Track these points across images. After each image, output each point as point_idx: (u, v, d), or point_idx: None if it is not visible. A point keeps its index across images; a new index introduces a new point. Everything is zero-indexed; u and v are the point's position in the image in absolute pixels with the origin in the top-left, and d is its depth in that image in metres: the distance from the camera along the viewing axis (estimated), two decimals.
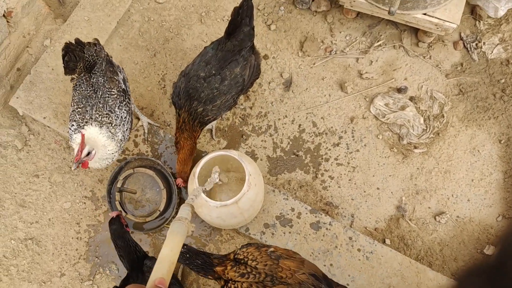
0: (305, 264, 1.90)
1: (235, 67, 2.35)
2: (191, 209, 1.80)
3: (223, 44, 2.34)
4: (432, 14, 2.62)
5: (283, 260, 1.85)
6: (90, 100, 2.31)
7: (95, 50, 2.40)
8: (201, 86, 2.32)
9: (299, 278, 1.81)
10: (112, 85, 2.35)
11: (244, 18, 2.30)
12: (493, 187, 2.70)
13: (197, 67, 2.36)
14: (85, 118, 2.28)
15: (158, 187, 2.63)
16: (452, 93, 2.88)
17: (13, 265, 2.72)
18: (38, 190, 2.83)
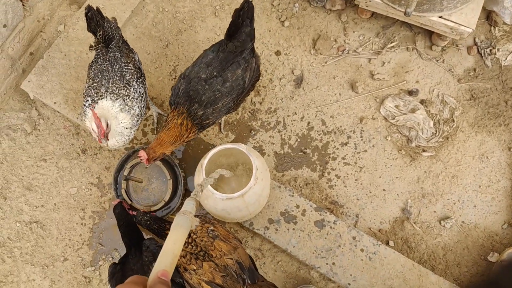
0: (238, 251, 2.01)
1: (236, 69, 2.30)
2: (195, 203, 1.81)
3: (224, 45, 2.31)
4: (448, 18, 2.61)
5: (218, 240, 1.99)
6: (107, 73, 2.30)
7: (114, 25, 2.41)
8: (202, 88, 2.27)
9: (226, 261, 1.95)
10: (128, 60, 2.36)
11: (245, 19, 2.26)
12: (500, 194, 2.69)
13: (197, 69, 2.30)
14: (100, 91, 2.27)
15: (165, 177, 2.63)
16: (463, 98, 2.86)
17: (17, 247, 2.74)
18: (45, 175, 2.84)
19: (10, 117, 2.94)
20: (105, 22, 2.37)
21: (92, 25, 2.36)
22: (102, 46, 2.37)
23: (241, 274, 1.95)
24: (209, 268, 1.91)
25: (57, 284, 2.70)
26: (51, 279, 2.70)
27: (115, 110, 2.25)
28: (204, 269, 1.91)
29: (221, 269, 1.93)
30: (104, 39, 2.36)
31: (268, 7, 3.07)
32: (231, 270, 1.94)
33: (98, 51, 2.37)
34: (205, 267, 1.91)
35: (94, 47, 2.40)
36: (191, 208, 1.75)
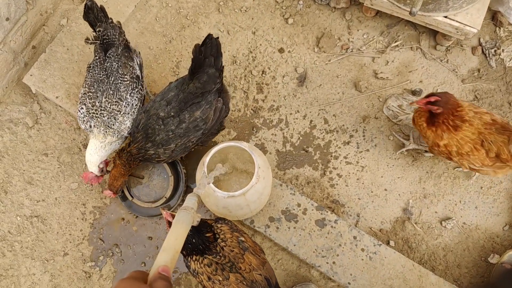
0: (266, 266, 1.95)
1: (195, 110, 2.21)
2: (197, 199, 1.81)
3: (186, 84, 2.21)
4: (453, 18, 2.59)
5: (248, 253, 1.90)
6: (102, 85, 2.31)
7: (117, 30, 2.40)
8: (158, 127, 2.22)
9: (255, 277, 1.87)
10: (125, 71, 2.34)
11: (208, 57, 2.13)
12: (502, 196, 2.68)
13: (158, 105, 2.24)
14: (95, 105, 2.29)
15: (166, 173, 2.63)
16: (467, 99, 2.85)
17: (17, 241, 2.74)
18: (46, 169, 2.84)
19: (12, 110, 2.93)
20: (108, 22, 2.36)
21: (90, 16, 2.35)
22: (99, 46, 2.36)
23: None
24: (236, 280, 1.83)
25: (57, 278, 2.70)
26: (51, 274, 2.70)
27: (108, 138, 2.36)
28: (230, 280, 1.83)
29: (248, 283, 1.85)
30: (103, 40, 2.35)
31: (272, 3, 3.05)
32: (259, 286, 1.87)
33: (96, 57, 2.35)
34: (232, 279, 1.83)
35: (91, 42, 2.39)
36: (192, 204, 1.75)
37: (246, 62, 2.95)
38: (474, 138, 2.19)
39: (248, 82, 2.91)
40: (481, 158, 2.22)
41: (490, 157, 2.21)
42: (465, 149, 2.21)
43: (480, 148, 2.20)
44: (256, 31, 3.00)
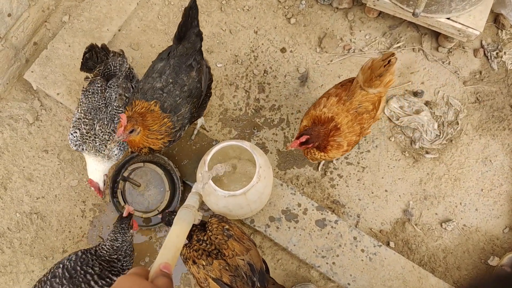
0: (250, 253, 2.01)
1: (190, 71, 2.24)
2: (199, 197, 1.80)
3: (174, 51, 2.25)
4: (455, 19, 2.59)
5: (232, 240, 2.00)
6: (99, 113, 2.33)
7: (119, 61, 2.41)
8: (160, 96, 2.19)
9: (237, 262, 1.96)
10: (120, 103, 2.36)
11: (193, 19, 2.22)
12: (502, 198, 2.68)
13: (151, 80, 2.22)
14: (89, 132, 2.31)
15: (163, 187, 2.62)
16: (468, 101, 2.85)
17: (17, 238, 2.74)
18: (47, 166, 2.83)
19: (12, 107, 2.93)
20: (110, 58, 2.37)
21: (89, 64, 2.39)
22: (100, 78, 2.37)
23: (251, 276, 1.94)
24: (219, 266, 1.92)
25: None
26: None
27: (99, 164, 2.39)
28: (213, 266, 1.92)
29: (231, 269, 1.92)
30: (104, 73, 2.37)
31: (275, 3, 3.05)
32: (242, 271, 1.93)
33: (98, 85, 2.35)
34: (215, 265, 1.92)
35: (91, 79, 2.39)
36: (194, 202, 1.75)
37: (248, 61, 2.94)
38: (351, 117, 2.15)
39: (250, 81, 2.91)
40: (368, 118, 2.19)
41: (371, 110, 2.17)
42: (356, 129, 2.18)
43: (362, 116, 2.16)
44: (258, 30, 3.00)
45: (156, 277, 1.07)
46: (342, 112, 2.14)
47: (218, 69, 2.93)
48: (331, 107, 2.15)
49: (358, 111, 2.15)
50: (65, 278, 2.04)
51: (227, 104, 2.87)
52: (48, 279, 2.07)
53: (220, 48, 2.97)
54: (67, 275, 2.05)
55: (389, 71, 2.05)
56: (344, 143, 2.16)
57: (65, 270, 2.07)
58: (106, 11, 2.93)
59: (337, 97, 2.18)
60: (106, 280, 2.10)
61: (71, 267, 2.08)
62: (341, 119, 2.14)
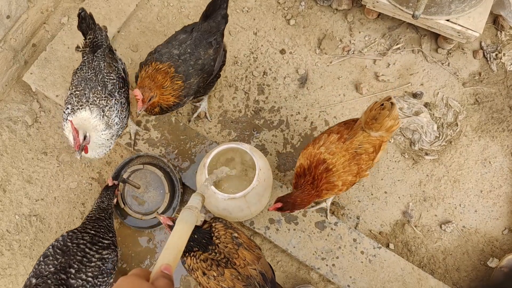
0: (260, 261, 1.98)
1: (209, 48, 2.35)
2: (201, 198, 1.80)
3: (199, 25, 2.35)
4: (455, 21, 2.59)
5: (242, 249, 1.94)
6: (90, 82, 2.29)
7: (104, 33, 2.42)
8: (176, 61, 2.28)
9: (250, 272, 1.91)
10: (110, 69, 2.35)
11: (224, 1, 2.33)
12: (501, 200, 2.68)
13: (170, 46, 2.32)
14: (81, 101, 2.24)
15: (163, 189, 2.62)
16: (467, 102, 2.85)
17: (16, 240, 2.73)
18: (46, 168, 2.83)
19: (11, 108, 2.92)
20: (96, 27, 2.38)
21: (83, 26, 2.38)
22: (88, 50, 2.37)
23: (264, 285, 1.92)
24: (231, 276, 1.87)
25: None
26: None
27: (94, 121, 2.21)
28: (225, 276, 1.86)
29: (243, 278, 1.88)
30: (92, 44, 2.36)
31: (274, 4, 3.04)
32: (254, 281, 1.90)
33: (85, 58, 2.36)
34: (227, 275, 1.86)
35: (81, 49, 2.40)
36: (196, 203, 1.75)
37: (248, 62, 2.94)
38: (349, 157, 2.08)
39: (249, 83, 2.90)
40: (367, 160, 2.12)
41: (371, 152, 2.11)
42: (353, 169, 2.10)
43: (360, 156, 2.09)
44: (258, 31, 3.00)
45: (157, 279, 1.07)
46: (340, 151, 2.07)
47: None
48: (330, 145, 2.09)
49: (357, 151, 2.07)
50: (58, 253, 2.09)
51: (226, 106, 2.87)
52: (40, 261, 2.10)
53: None
54: (59, 251, 2.09)
55: (385, 115, 1.98)
56: (339, 183, 2.09)
57: (55, 248, 2.12)
58: (105, 13, 2.92)
59: (338, 134, 2.11)
60: (99, 245, 2.18)
61: (62, 244, 2.13)
62: (336, 159, 2.06)
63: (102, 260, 2.14)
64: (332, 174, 2.07)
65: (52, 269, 2.03)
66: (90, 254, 2.12)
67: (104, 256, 2.16)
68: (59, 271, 2.02)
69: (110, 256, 2.18)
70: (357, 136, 2.08)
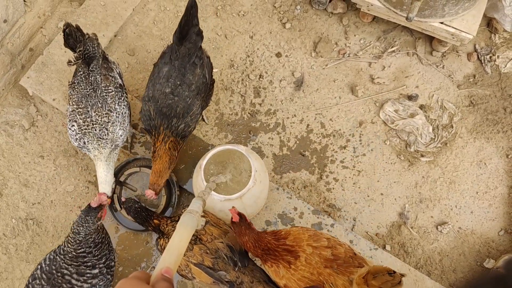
0: (228, 235, 2.07)
1: (195, 69, 2.31)
2: (202, 203, 1.80)
3: (176, 52, 2.29)
4: (449, 24, 2.61)
5: (209, 225, 2.05)
6: (90, 99, 2.32)
7: (95, 43, 2.41)
8: (173, 101, 2.27)
9: (217, 245, 2.02)
10: (107, 82, 2.37)
11: (194, 17, 2.27)
12: (497, 201, 2.70)
13: (159, 87, 2.30)
14: (86, 120, 2.29)
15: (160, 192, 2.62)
16: (462, 104, 2.87)
17: (12, 244, 2.73)
18: (42, 171, 2.83)
19: (8, 112, 2.93)
20: (86, 39, 2.38)
21: (70, 41, 2.39)
22: (81, 62, 2.37)
23: (232, 256, 2.02)
24: (199, 250, 1.97)
25: None
26: None
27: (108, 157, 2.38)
28: (194, 251, 1.97)
29: (212, 252, 1.99)
30: (84, 56, 2.37)
31: (270, 8, 3.07)
32: (222, 253, 2.01)
33: (80, 72, 2.36)
34: (195, 250, 1.97)
35: (74, 63, 2.40)
36: (197, 208, 1.75)
37: (244, 66, 2.96)
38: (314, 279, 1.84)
39: (246, 86, 2.92)
40: None
41: None
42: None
43: None
44: (254, 35, 3.02)
45: (157, 282, 1.07)
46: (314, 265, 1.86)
47: (214, 74, 2.93)
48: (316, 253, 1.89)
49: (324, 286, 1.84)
50: (44, 279, 2.03)
51: (223, 109, 2.88)
52: (29, 282, 2.06)
53: (216, 53, 2.99)
54: (45, 277, 2.03)
55: None
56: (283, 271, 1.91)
57: (42, 272, 2.04)
58: (102, 17, 2.94)
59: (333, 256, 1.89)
60: (87, 276, 2.04)
61: (47, 270, 2.03)
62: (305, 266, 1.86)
63: (94, 286, 2.06)
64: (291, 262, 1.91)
65: None
66: (77, 286, 2.01)
67: (93, 284, 2.05)
68: None
69: (101, 282, 2.08)
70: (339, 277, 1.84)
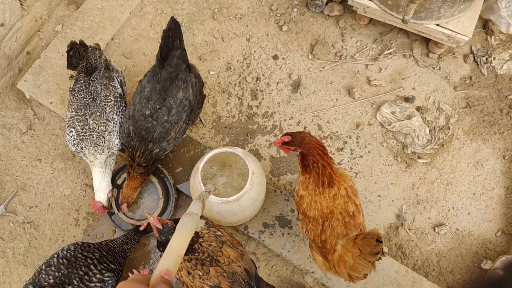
0: (244, 258, 2.00)
1: (176, 93, 2.29)
2: (201, 205, 1.80)
3: (158, 75, 2.29)
4: (445, 26, 2.62)
5: (226, 247, 1.96)
6: (89, 108, 2.37)
7: (97, 54, 2.46)
8: (151, 125, 2.27)
9: (234, 269, 1.93)
10: (107, 92, 2.40)
11: (174, 40, 2.24)
12: (494, 202, 2.70)
13: (139, 107, 2.30)
14: (84, 128, 2.34)
15: (157, 194, 2.62)
16: (459, 106, 2.88)
17: (10, 247, 2.72)
18: (40, 175, 2.83)
19: (5, 116, 2.93)
20: (89, 53, 2.41)
21: (73, 61, 2.43)
22: (83, 75, 2.41)
23: (249, 281, 1.95)
24: (216, 273, 1.89)
25: None
26: None
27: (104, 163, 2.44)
28: (210, 274, 1.88)
29: (229, 276, 1.90)
30: (87, 69, 2.41)
31: (267, 11, 3.08)
32: (240, 277, 1.92)
33: (81, 81, 2.40)
34: (212, 273, 1.89)
35: (75, 77, 2.45)
36: (197, 210, 1.75)
37: (241, 68, 2.96)
38: (323, 212, 1.93)
39: (243, 89, 2.92)
40: (314, 234, 1.98)
41: (317, 243, 1.97)
42: (311, 213, 1.97)
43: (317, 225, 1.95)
44: (251, 38, 3.02)
45: (157, 284, 1.08)
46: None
47: (211, 77, 2.94)
48: None
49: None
50: (63, 264, 2.08)
51: (220, 112, 2.88)
52: (42, 269, 2.10)
53: (213, 56, 3.00)
54: (65, 261, 2.09)
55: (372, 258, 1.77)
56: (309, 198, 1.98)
57: (61, 258, 2.11)
58: (99, 20, 2.95)
59: None
60: (104, 265, 2.17)
61: (71, 255, 2.13)
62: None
63: (102, 282, 2.12)
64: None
65: (51, 281, 2.02)
66: (92, 272, 2.10)
67: (105, 278, 2.14)
68: (58, 285, 2.01)
69: (110, 281, 2.16)
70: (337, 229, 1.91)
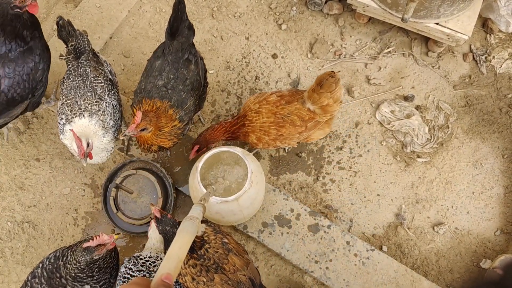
0: (249, 267, 1.98)
1: (189, 65, 2.29)
2: (202, 209, 1.80)
3: (168, 47, 2.28)
4: (444, 24, 2.62)
5: (232, 255, 1.94)
6: (79, 90, 2.32)
7: (86, 38, 2.44)
8: (166, 93, 2.23)
9: (239, 277, 1.91)
10: (97, 73, 2.37)
11: (183, 13, 2.26)
12: (493, 201, 2.70)
13: (152, 79, 2.26)
14: (73, 109, 2.27)
15: (156, 193, 2.61)
16: (458, 105, 2.87)
17: (8, 247, 2.71)
18: (38, 174, 2.82)
19: None
20: (78, 33, 2.40)
21: (63, 34, 2.41)
22: (72, 57, 2.40)
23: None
24: (221, 281, 1.87)
25: None
26: None
27: (94, 127, 2.26)
28: (215, 282, 1.86)
29: (233, 284, 1.89)
30: (75, 50, 2.39)
31: (266, 10, 3.07)
32: (244, 286, 1.91)
33: (70, 66, 2.39)
34: (217, 280, 1.86)
35: (65, 57, 2.43)
36: (197, 214, 1.75)
37: (240, 67, 2.96)
38: (273, 120, 2.28)
39: (242, 88, 2.92)
40: (292, 130, 2.30)
41: (298, 125, 2.29)
42: (272, 133, 2.30)
43: (284, 124, 2.28)
44: (250, 36, 3.01)
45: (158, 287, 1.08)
46: (267, 112, 2.30)
47: (210, 76, 2.93)
48: (265, 104, 2.31)
49: (284, 118, 2.27)
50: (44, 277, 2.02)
51: (219, 110, 2.88)
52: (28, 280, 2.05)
53: (212, 54, 2.99)
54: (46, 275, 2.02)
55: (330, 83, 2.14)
56: (253, 137, 2.35)
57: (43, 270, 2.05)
58: (97, 19, 2.93)
59: (279, 97, 2.31)
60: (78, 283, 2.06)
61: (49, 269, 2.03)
62: (258, 117, 2.30)
63: None
64: (248, 126, 2.34)
65: None
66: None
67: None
68: None
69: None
70: (291, 105, 2.28)
